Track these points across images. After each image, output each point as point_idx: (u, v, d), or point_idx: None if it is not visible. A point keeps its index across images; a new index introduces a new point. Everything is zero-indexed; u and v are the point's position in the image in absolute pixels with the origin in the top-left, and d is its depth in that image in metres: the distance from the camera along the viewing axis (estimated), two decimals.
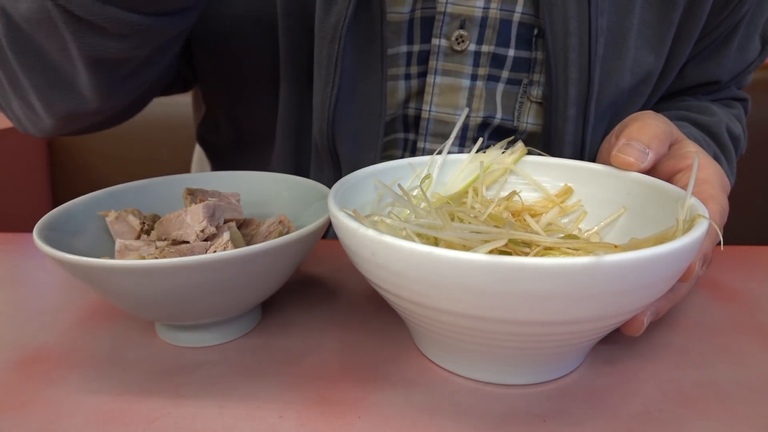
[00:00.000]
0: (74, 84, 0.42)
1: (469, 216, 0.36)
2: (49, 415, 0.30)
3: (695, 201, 0.32)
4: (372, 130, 0.47)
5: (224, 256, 0.31)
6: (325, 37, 0.44)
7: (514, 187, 0.42)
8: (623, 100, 0.52)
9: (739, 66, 0.57)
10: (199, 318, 0.35)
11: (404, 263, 0.27)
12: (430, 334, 0.32)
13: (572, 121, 0.47)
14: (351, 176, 0.38)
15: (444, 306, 0.27)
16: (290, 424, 0.29)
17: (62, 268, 0.33)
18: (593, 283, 0.25)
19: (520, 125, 0.50)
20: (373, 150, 0.48)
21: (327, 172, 0.51)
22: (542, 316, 0.26)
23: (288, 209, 0.44)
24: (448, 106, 0.49)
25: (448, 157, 0.42)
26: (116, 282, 0.31)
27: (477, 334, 0.29)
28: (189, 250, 0.35)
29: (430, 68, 0.48)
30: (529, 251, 0.31)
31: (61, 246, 0.33)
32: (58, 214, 0.38)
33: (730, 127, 0.56)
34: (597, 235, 0.39)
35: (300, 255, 0.36)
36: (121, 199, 0.42)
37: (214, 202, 0.38)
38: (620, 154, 0.37)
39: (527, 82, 0.49)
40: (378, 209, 0.38)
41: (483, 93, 0.49)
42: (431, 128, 0.49)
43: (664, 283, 0.28)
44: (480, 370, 0.32)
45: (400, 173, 0.41)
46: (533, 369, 0.32)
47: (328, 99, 0.45)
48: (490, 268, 0.25)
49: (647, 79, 0.52)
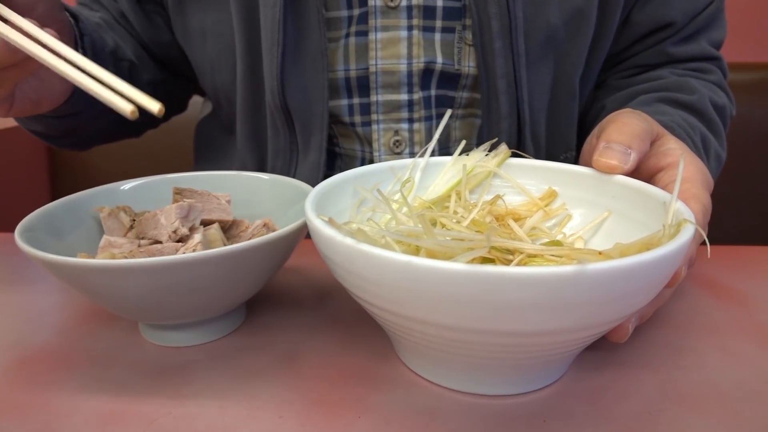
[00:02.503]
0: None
1: (451, 221, 0.35)
2: (49, 415, 0.30)
3: (681, 205, 0.32)
4: (318, 83, 0.52)
5: (180, 258, 0.30)
6: (267, 4, 0.50)
7: (498, 191, 0.41)
8: (560, 36, 0.53)
9: (691, 4, 0.56)
10: (179, 318, 0.35)
11: (383, 273, 0.26)
12: (412, 344, 0.31)
13: (500, 54, 0.50)
14: (330, 181, 0.37)
15: (425, 317, 0.26)
16: (290, 424, 0.29)
17: (41, 267, 0.33)
18: (578, 291, 0.24)
19: (462, 69, 0.53)
20: (321, 103, 0.52)
21: (283, 134, 0.55)
22: (526, 326, 0.25)
23: (276, 210, 0.43)
24: (392, 57, 0.53)
25: (430, 161, 0.42)
26: (83, 280, 0.32)
27: (459, 345, 0.28)
28: (159, 251, 0.35)
29: (371, 27, 0.52)
30: (512, 258, 0.31)
31: (46, 245, 0.33)
32: (49, 210, 0.39)
33: (713, 99, 0.55)
34: (581, 239, 0.38)
35: (277, 256, 0.36)
36: (114, 198, 0.43)
37: (189, 203, 0.37)
38: (602, 158, 0.37)
39: (461, 28, 0.52)
40: (357, 215, 0.38)
41: (421, 41, 0.52)
42: (380, 80, 0.53)
43: (651, 291, 0.28)
44: (462, 380, 0.31)
45: (381, 177, 0.40)
46: (518, 378, 0.31)
47: (276, 59, 0.50)
48: (472, 277, 0.24)
49: (580, 16, 0.52)
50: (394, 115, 0.54)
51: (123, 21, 0.62)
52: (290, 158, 0.56)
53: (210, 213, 0.40)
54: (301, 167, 0.55)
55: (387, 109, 0.54)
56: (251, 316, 0.40)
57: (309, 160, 0.55)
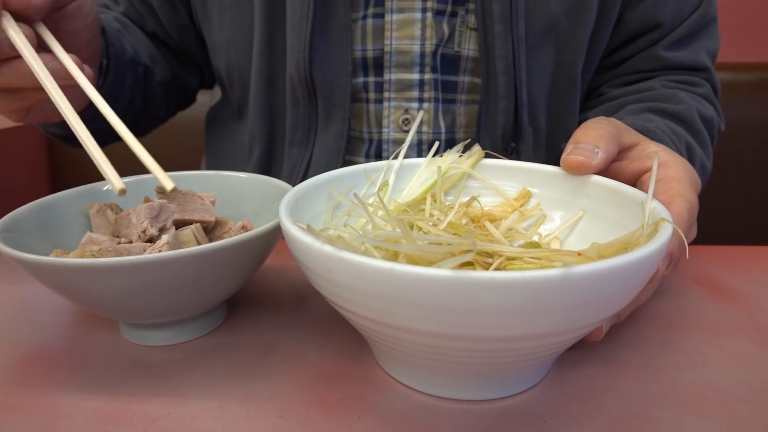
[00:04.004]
0: None
1: (428, 224, 0.35)
2: (49, 416, 0.30)
3: (657, 204, 0.32)
4: (343, 58, 0.54)
5: (137, 259, 0.30)
6: None
7: (473, 192, 0.41)
8: (562, 24, 0.55)
9: (680, 7, 0.58)
10: (153, 318, 0.35)
11: (364, 280, 0.25)
12: (393, 352, 0.31)
13: (500, 36, 0.52)
14: (304, 185, 0.36)
15: (407, 324, 0.26)
16: (290, 424, 0.29)
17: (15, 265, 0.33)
18: (564, 295, 0.24)
19: (462, 51, 0.56)
20: (345, 77, 0.55)
21: (303, 107, 0.57)
22: (510, 331, 0.25)
23: (264, 210, 0.43)
24: (405, 38, 0.55)
25: (404, 163, 0.42)
26: (45, 277, 0.32)
27: (440, 351, 0.27)
28: (126, 251, 0.35)
29: (387, 8, 0.55)
30: (491, 261, 0.30)
31: (31, 244, 0.34)
32: (33, 208, 0.39)
33: (701, 111, 0.56)
34: (557, 239, 0.38)
35: (251, 257, 0.36)
36: (100, 198, 0.43)
37: (160, 203, 0.37)
38: (569, 156, 0.37)
39: (464, 12, 0.55)
40: (332, 219, 0.37)
41: (432, 23, 0.55)
42: (394, 59, 0.56)
43: (631, 292, 0.27)
44: (446, 386, 0.31)
45: (355, 180, 0.40)
46: (501, 382, 0.31)
47: (304, 33, 0.53)
48: (458, 283, 0.23)
49: (582, 5, 0.54)
50: (405, 94, 0.56)
51: (142, 5, 0.64)
52: (309, 129, 0.58)
53: (192, 213, 0.40)
54: (321, 139, 0.57)
55: (399, 87, 0.56)
56: (232, 314, 0.40)
57: (331, 131, 0.57)
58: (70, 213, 0.41)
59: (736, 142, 0.95)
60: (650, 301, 0.37)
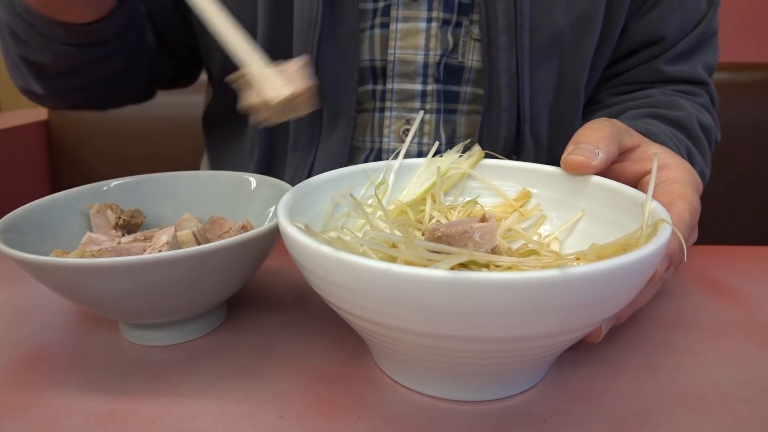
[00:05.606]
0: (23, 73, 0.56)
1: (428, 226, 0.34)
2: (49, 415, 0.30)
3: (656, 205, 0.32)
4: (350, 66, 0.54)
5: (138, 260, 0.30)
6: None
7: (472, 192, 0.41)
8: (566, 38, 0.54)
9: (684, 22, 0.58)
10: (152, 318, 0.35)
11: (360, 281, 0.25)
12: (391, 353, 0.31)
13: (504, 48, 0.52)
14: (303, 185, 0.36)
15: (405, 325, 0.26)
16: (290, 425, 0.29)
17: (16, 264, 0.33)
18: (561, 295, 0.24)
19: (466, 62, 0.56)
20: (352, 84, 0.55)
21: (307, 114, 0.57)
22: (508, 332, 0.25)
23: (263, 210, 0.43)
24: (409, 48, 0.55)
25: (403, 163, 0.41)
26: (43, 276, 0.32)
27: (438, 352, 0.27)
28: (126, 251, 0.35)
29: (392, 17, 0.54)
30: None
31: (31, 244, 0.34)
32: (32, 208, 0.39)
33: (700, 119, 0.56)
34: (557, 240, 0.38)
35: (250, 258, 0.36)
36: (103, 196, 0.43)
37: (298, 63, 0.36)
38: (569, 156, 0.37)
39: (468, 23, 0.55)
40: (331, 220, 0.37)
41: (438, 33, 0.54)
42: (397, 69, 0.55)
43: (630, 292, 0.27)
44: (445, 387, 0.31)
45: (355, 180, 0.40)
46: (499, 383, 0.31)
47: (312, 39, 0.52)
48: (455, 284, 0.23)
49: (587, 19, 0.54)
50: (407, 104, 0.56)
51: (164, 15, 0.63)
52: (312, 135, 0.57)
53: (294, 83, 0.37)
54: (324, 145, 0.57)
55: (401, 97, 0.56)
56: (232, 314, 0.40)
57: (334, 138, 0.56)
58: (70, 213, 0.42)
59: (736, 142, 0.95)
60: (650, 302, 0.37)
